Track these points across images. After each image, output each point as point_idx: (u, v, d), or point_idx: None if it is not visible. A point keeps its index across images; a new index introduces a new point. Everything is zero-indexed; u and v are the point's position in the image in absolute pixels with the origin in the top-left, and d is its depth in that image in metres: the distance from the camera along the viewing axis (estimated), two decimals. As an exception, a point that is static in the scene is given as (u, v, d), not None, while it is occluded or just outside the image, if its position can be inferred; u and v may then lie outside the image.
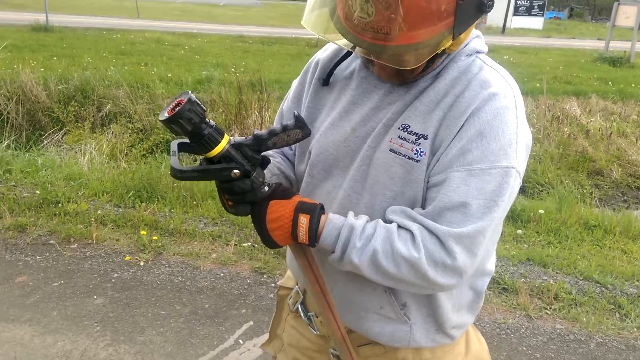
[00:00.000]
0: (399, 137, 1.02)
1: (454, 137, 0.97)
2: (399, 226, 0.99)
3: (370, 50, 0.91)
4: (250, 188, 0.97)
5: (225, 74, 8.96)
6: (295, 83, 1.27)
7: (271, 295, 3.00)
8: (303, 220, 0.99)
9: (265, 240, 1.03)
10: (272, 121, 5.40)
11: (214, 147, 0.93)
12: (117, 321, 2.74)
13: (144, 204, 3.95)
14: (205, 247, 3.50)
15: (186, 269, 3.24)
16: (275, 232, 1.00)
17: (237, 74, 7.51)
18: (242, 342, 2.62)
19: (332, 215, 1.02)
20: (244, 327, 2.74)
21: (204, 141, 0.92)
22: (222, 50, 12.96)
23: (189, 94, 0.89)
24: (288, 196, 1.02)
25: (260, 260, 3.33)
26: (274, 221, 1.00)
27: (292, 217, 0.99)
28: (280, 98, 6.44)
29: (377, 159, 1.04)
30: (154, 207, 3.93)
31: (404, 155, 1.01)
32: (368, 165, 1.06)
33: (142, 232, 3.56)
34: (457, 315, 1.16)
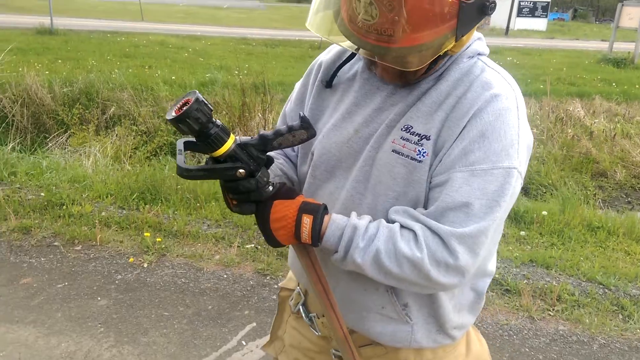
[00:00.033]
0: (402, 137, 1.02)
1: (457, 138, 0.98)
2: (401, 226, 0.99)
3: (374, 52, 0.92)
4: (255, 187, 0.97)
5: (228, 77, 8.97)
6: (298, 85, 1.28)
7: (274, 297, 3.00)
8: (306, 220, 0.99)
9: (269, 239, 1.04)
10: (275, 123, 5.40)
11: (220, 147, 0.94)
12: (121, 322, 2.75)
13: (148, 206, 3.97)
14: (208, 248, 3.51)
15: (189, 271, 3.25)
16: (278, 231, 1.01)
17: (240, 77, 7.53)
18: (245, 344, 2.63)
19: (335, 215, 1.02)
20: (247, 328, 2.75)
21: (211, 140, 0.92)
22: (226, 53, 12.97)
23: (196, 94, 0.89)
24: (292, 196, 1.02)
25: (263, 262, 3.34)
26: (277, 221, 1.01)
27: (295, 217, 1.00)
28: (283, 100, 6.45)
29: (380, 160, 1.05)
30: (157, 209, 3.94)
31: (407, 156, 1.01)
32: (371, 166, 1.06)
33: (146, 234, 3.57)
34: (458, 315, 1.16)
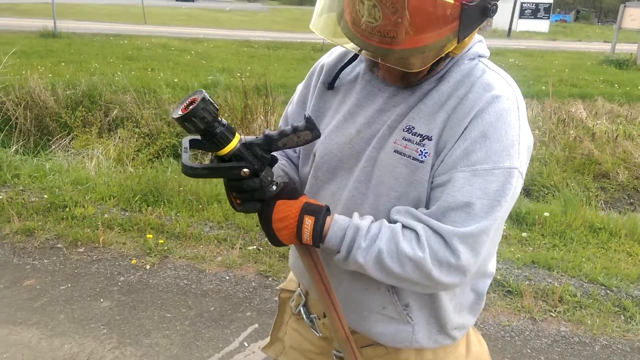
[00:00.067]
0: (404, 138, 1.03)
1: (458, 138, 0.98)
2: (403, 226, 1.00)
3: (377, 53, 0.93)
4: (259, 186, 0.98)
5: (231, 79, 8.98)
6: (300, 87, 1.29)
7: (276, 298, 3.00)
8: (308, 221, 1.00)
9: (271, 239, 1.04)
10: (277, 125, 5.39)
11: (226, 146, 0.94)
12: (124, 324, 2.76)
13: (151, 208, 3.98)
14: (210, 250, 3.52)
15: (192, 272, 3.26)
16: (281, 231, 1.02)
17: (242, 79, 7.53)
18: (247, 345, 2.64)
19: (337, 216, 1.03)
20: (249, 329, 2.76)
21: (216, 139, 0.93)
22: (228, 55, 12.99)
23: (203, 93, 0.90)
24: (295, 196, 1.03)
25: (265, 264, 3.35)
26: (279, 221, 1.01)
27: (297, 218, 1.01)
28: (285, 102, 6.47)
29: (382, 160, 1.05)
30: (160, 211, 3.96)
31: (409, 156, 1.02)
32: (372, 167, 1.07)
33: (149, 236, 3.59)
34: (458, 316, 1.16)
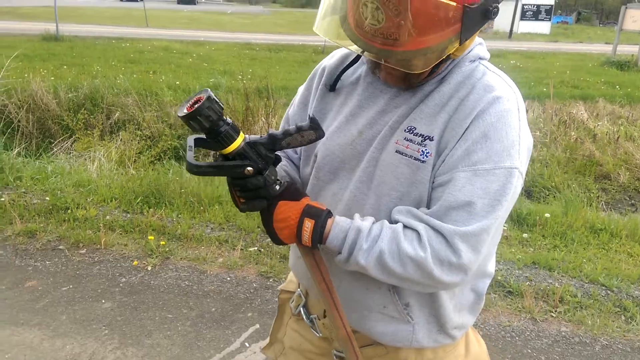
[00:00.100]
0: (405, 138, 1.04)
1: (459, 139, 0.99)
2: (404, 226, 1.01)
3: (380, 55, 0.94)
4: (263, 184, 0.99)
5: (232, 81, 9.00)
6: (302, 89, 1.30)
7: (277, 299, 3.02)
8: (308, 224, 1.01)
9: (273, 237, 1.06)
10: (278, 127, 5.40)
11: (230, 144, 0.95)
12: (125, 325, 2.77)
13: (152, 210, 4.00)
14: (212, 251, 3.53)
15: (193, 274, 3.27)
16: (282, 231, 1.04)
17: (244, 81, 7.55)
18: (248, 345, 2.65)
19: (338, 218, 1.04)
20: (250, 330, 2.77)
21: (221, 138, 0.94)
22: (230, 58, 13.04)
23: (208, 92, 0.91)
24: (298, 197, 1.04)
25: (267, 265, 3.36)
26: (280, 221, 1.03)
27: (297, 219, 1.02)
28: (286, 104, 6.47)
29: (384, 160, 1.06)
30: (161, 213, 3.97)
31: (410, 156, 1.03)
32: (374, 167, 1.07)
33: (150, 237, 3.60)
34: (458, 315, 1.17)
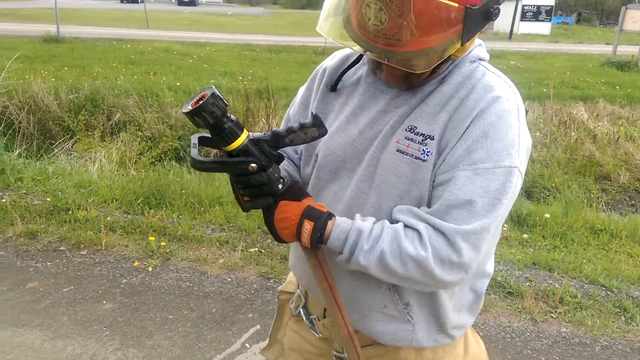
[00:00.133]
0: (406, 138, 1.05)
1: (460, 138, 1.00)
2: (405, 225, 1.01)
3: (383, 55, 0.95)
4: (266, 181, 1.00)
5: (233, 82, 9.02)
6: (302, 89, 1.30)
7: (277, 300, 3.02)
8: (307, 226, 1.02)
9: (274, 235, 1.07)
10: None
11: (234, 141, 0.96)
12: (126, 326, 2.78)
13: (153, 211, 4.00)
14: (212, 252, 3.54)
15: (194, 274, 3.28)
16: (283, 231, 1.05)
17: (244, 82, 7.56)
18: (248, 346, 2.65)
19: (339, 219, 1.04)
20: (251, 331, 2.77)
21: (225, 134, 0.95)
22: (230, 59, 13.05)
23: (212, 89, 0.92)
24: (300, 197, 1.05)
25: (267, 266, 3.36)
26: (281, 221, 1.04)
27: (297, 221, 1.02)
28: (287, 105, 6.47)
29: (385, 160, 1.07)
30: (162, 214, 3.98)
31: (411, 155, 1.04)
32: (375, 166, 1.08)
33: (151, 238, 3.60)
34: (457, 315, 1.18)
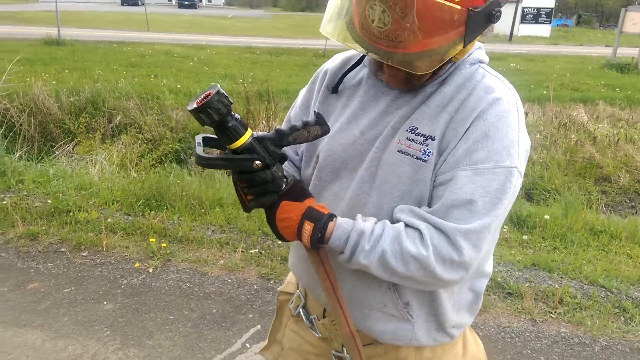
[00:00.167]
0: (407, 138, 1.06)
1: (461, 138, 1.01)
2: (406, 225, 1.02)
3: (386, 56, 0.96)
4: (271, 178, 1.01)
5: (233, 85, 9.03)
6: (303, 91, 1.31)
7: (277, 301, 3.03)
8: (307, 227, 1.03)
9: (276, 234, 1.08)
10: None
11: (238, 139, 0.97)
12: (127, 326, 2.79)
13: (153, 212, 4.02)
14: (213, 253, 3.55)
15: (194, 275, 3.29)
16: (284, 230, 1.06)
17: (245, 85, 7.58)
18: (249, 346, 2.66)
19: (340, 219, 1.05)
20: (251, 331, 2.78)
21: (229, 132, 0.96)
22: (231, 62, 13.08)
23: (217, 87, 0.93)
24: (302, 197, 1.06)
25: (267, 267, 3.37)
26: (282, 221, 1.05)
27: (298, 221, 1.03)
28: (287, 108, 6.50)
29: (386, 160, 1.08)
30: (162, 215, 3.99)
31: (412, 156, 1.05)
32: (376, 167, 1.09)
33: (151, 240, 3.62)
34: (456, 315, 1.18)
